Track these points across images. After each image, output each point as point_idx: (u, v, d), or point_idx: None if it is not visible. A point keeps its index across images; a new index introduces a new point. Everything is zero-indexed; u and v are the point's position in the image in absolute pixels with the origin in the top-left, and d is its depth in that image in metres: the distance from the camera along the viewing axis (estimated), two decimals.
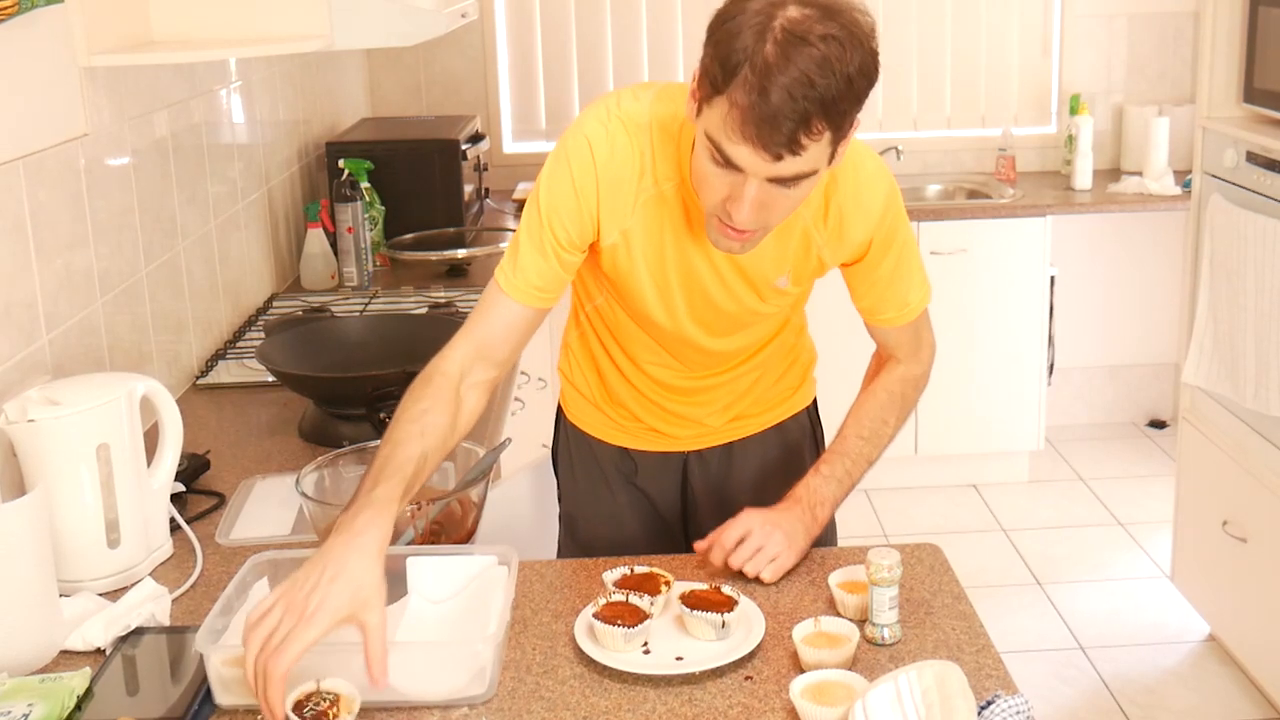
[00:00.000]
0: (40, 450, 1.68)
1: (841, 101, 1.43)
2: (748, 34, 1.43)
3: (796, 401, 2.04)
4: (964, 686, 1.35)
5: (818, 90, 1.41)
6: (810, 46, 1.40)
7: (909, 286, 1.82)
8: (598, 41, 4.63)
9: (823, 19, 1.42)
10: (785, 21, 1.42)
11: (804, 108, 1.41)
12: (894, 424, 1.86)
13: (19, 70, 1.94)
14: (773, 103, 1.41)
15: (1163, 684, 3.28)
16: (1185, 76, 4.69)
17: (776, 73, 1.40)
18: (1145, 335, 4.87)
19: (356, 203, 3.29)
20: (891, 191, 1.74)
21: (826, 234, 1.73)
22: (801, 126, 1.42)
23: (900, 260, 1.79)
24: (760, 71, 1.41)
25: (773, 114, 1.41)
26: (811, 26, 1.41)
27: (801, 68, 1.40)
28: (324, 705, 1.37)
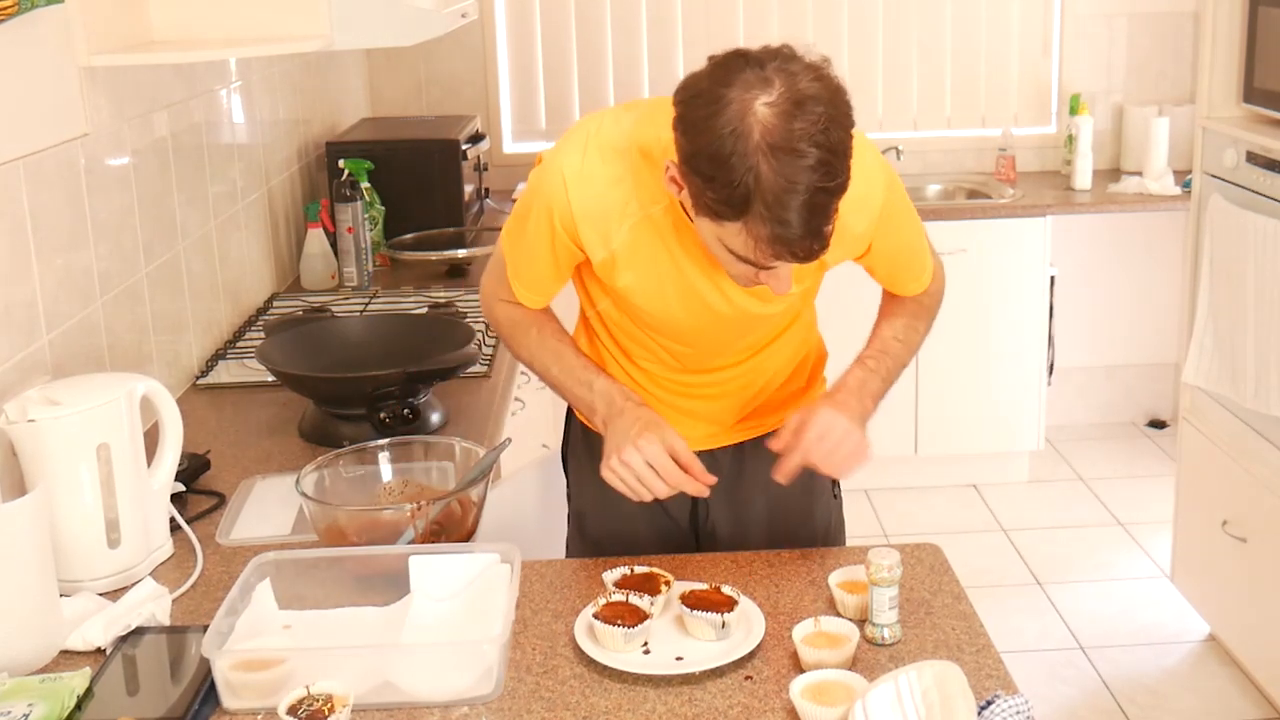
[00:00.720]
0: (40, 450, 1.68)
1: (844, 173, 1.47)
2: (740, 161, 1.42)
3: (806, 401, 2.03)
4: (964, 686, 1.35)
5: (829, 190, 1.44)
6: (802, 157, 1.42)
7: (921, 262, 1.87)
8: (598, 41, 4.63)
9: (798, 112, 1.42)
10: (766, 134, 1.41)
11: (819, 212, 1.45)
12: (923, 331, 1.90)
13: (19, 70, 1.94)
14: (796, 226, 1.45)
15: (1163, 684, 3.28)
16: (1185, 76, 4.69)
17: (788, 197, 1.42)
18: (1145, 335, 4.87)
19: (356, 203, 3.29)
20: (890, 183, 1.75)
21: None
22: (822, 224, 1.47)
23: (909, 241, 1.83)
24: (771, 203, 1.43)
25: (800, 234, 1.45)
26: (795, 129, 1.41)
27: (807, 182, 1.42)
28: (317, 706, 1.37)
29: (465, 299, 3.06)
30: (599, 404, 1.77)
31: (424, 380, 2.21)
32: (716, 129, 1.42)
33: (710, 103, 1.43)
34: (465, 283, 3.29)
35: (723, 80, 1.44)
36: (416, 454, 1.90)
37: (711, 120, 1.43)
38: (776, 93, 1.42)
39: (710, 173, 1.45)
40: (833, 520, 2.06)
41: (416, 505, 1.69)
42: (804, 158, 1.41)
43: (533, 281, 1.82)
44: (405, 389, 2.16)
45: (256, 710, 1.44)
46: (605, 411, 1.77)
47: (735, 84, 1.43)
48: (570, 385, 1.82)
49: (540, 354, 1.85)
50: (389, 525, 1.70)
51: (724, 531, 2.01)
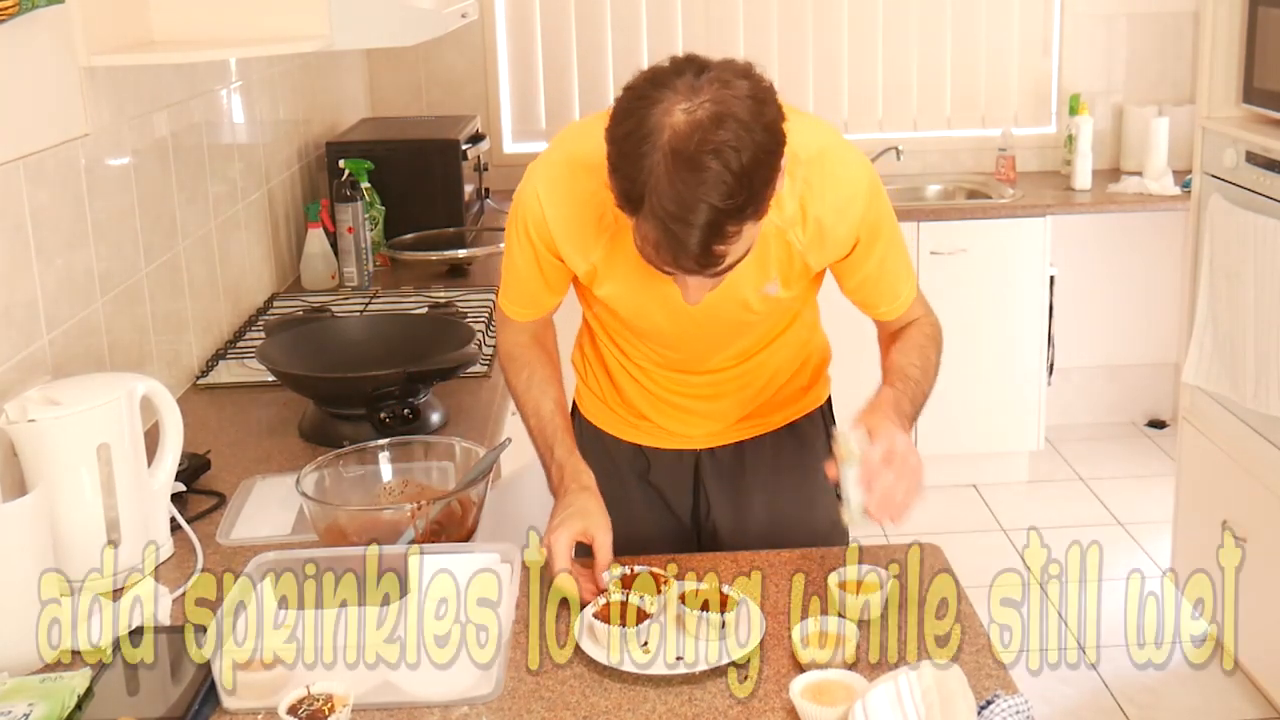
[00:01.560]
0: (40, 450, 1.68)
1: (749, 200, 1.43)
2: (644, 158, 1.42)
3: (809, 400, 2.04)
4: (964, 686, 1.35)
5: (720, 208, 1.41)
6: (702, 170, 1.40)
7: (897, 279, 1.82)
8: (598, 41, 4.63)
9: (711, 125, 1.40)
10: (674, 138, 1.40)
11: (709, 229, 1.42)
12: (935, 360, 1.84)
13: (19, 70, 1.94)
14: (679, 236, 1.43)
15: (1163, 684, 3.28)
16: (1185, 76, 4.69)
17: (676, 206, 1.41)
18: (1145, 335, 4.87)
19: (357, 203, 3.29)
20: (871, 191, 1.72)
21: (806, 240, 1.71)
22: (714, 242, 1.44)
23: (887, 256, 1.78)
24: (661, 208, 1.42)
25: (684, 245, 1.43)
26: (703, 140, 1.39)
27: (699, 193, 1.40)
28: (317, 706, 1.38)
29: (465, 299, 3.05)
30: (553, 473, 1.81)
31: (424, 380, 2.21)
32: (633, 122, 1.43)
33: (638, 98, 1.44)
34: (465, 283, 3.30)
35: (659, 80, 1.44)
36: (416, 454, 1.90)
37: (632, 113, 1.44)
38: (700, 102, 1.41)
39: (616, 162, 1.46)
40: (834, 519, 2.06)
41: (416, 505, 1.69)
42: (703, 171, 1.40)
43: (522, 297, 1.86)
44: (405, 389, 2.16)
45: (256, 710, 1.44)
46: (555, 484, 1.80)
47: (668, 85, 1.43)
48: (538, 441, 1.85)
49: (525, 399, 1.88)
50: (389, 525, 1.70)
51: (725, 530, 2.01)
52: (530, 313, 1.88)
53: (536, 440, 1.85)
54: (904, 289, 1.83)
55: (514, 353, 1.91)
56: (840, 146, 1.72)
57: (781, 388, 1.98)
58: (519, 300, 1.87)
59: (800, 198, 1.68)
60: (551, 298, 1.86)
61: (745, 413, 1.98)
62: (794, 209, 1.68)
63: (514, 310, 1.89)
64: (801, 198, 1.68)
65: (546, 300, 1.86)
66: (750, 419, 1.99)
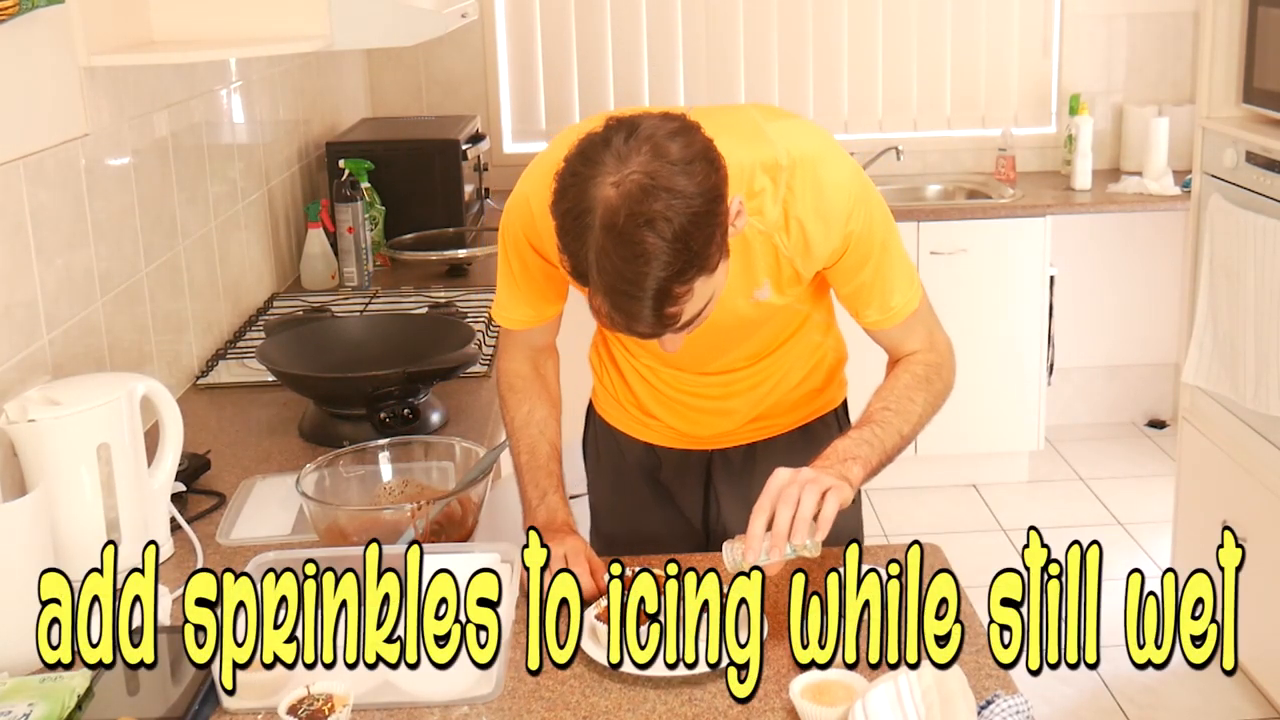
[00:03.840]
0: (40, 450, 1.68)
1: (688, 264, 1.43)
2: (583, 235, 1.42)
3: (823, 403, 2.02)
4: (964, 686, 1.35)
5: (660, 277, 1.41)
6: (637, 243, 1.39)
7: (891, 290, 1.77)
8: (598, 41, 4.63)
9: (641, 196, 1.39)
10: (605, 215, 1.40)
11: (657, 297, 1.43)
12: (921, 402, 1.76)
13: (19, 70, 1.94)
14: (625, 308, 1.44)
15: (1163, 684, 3.28)
16: (1185, 76, 4.69)
17: (619, 280, 1.42)
18: (1145, 335, 4.87)
19: (357, 203, 3.29)
20: (858, 198, 1.69)
21: (792, 245, 1.70)
22: (662, 307, 1.44)
23: (880, 265, 1.74)
24: (604, 285, 1.43)
25: (635, 315, 1.45)
26: (632, 214, 1.39)
27: (638, 269, 1.40)
28: (318, 706, 1.38)
29: (465, 299, 3.05)
30: (540, 515, 1.78)
31: (424, 380, 2.21)
32: (569, 200, 1.44)
33: (572, 174, 1.44)
34: (465, 283, 3.30)
35: (590, 154, 1.44)
36: (416, 454, 1.90)
37: (568, 191, 1.44)
38: (626, 174, 1.40)
39: (561, 238, 1.46)
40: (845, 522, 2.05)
41: (416, 505, 1.69)
42: (639, 244, 1.39)
43: (514, 302, 1.84)
44: (405, 389, 2.16)
45: (256, 710, 1.44)
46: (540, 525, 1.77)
47: (597, 159, 1.43)
48: (527, 481, 1.82)
49: (521, 434, 1.86)
50: (389, 525, 1.70)
51: (735, 531, 2.01)
52: (524, 318, 1.85)
53: (524, 476, 1.83)
54: (897, 300, 1.77)
55: (515, 384, 1.89)
56: (826, 153, 1.69)
57: (793, 389, 1.96)
58: (512, 307, 1.84)
59: (784, 203, 1.67)
60: (546, 305, 1.84)
61: (755, 414, 1.96)
62: (777, 214, 1.67)
63: (507, 318, 1.86)
64: (785, 203, 1.67)
65: (542, 307, 1.84)
66: (761, 420, 1.97)
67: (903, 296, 1.78)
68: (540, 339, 1.91)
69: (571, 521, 1.78)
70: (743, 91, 4.64)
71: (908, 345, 1.81)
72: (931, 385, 1.78)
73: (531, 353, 1.91)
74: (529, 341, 1.90)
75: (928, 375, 1.79)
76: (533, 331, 1.88)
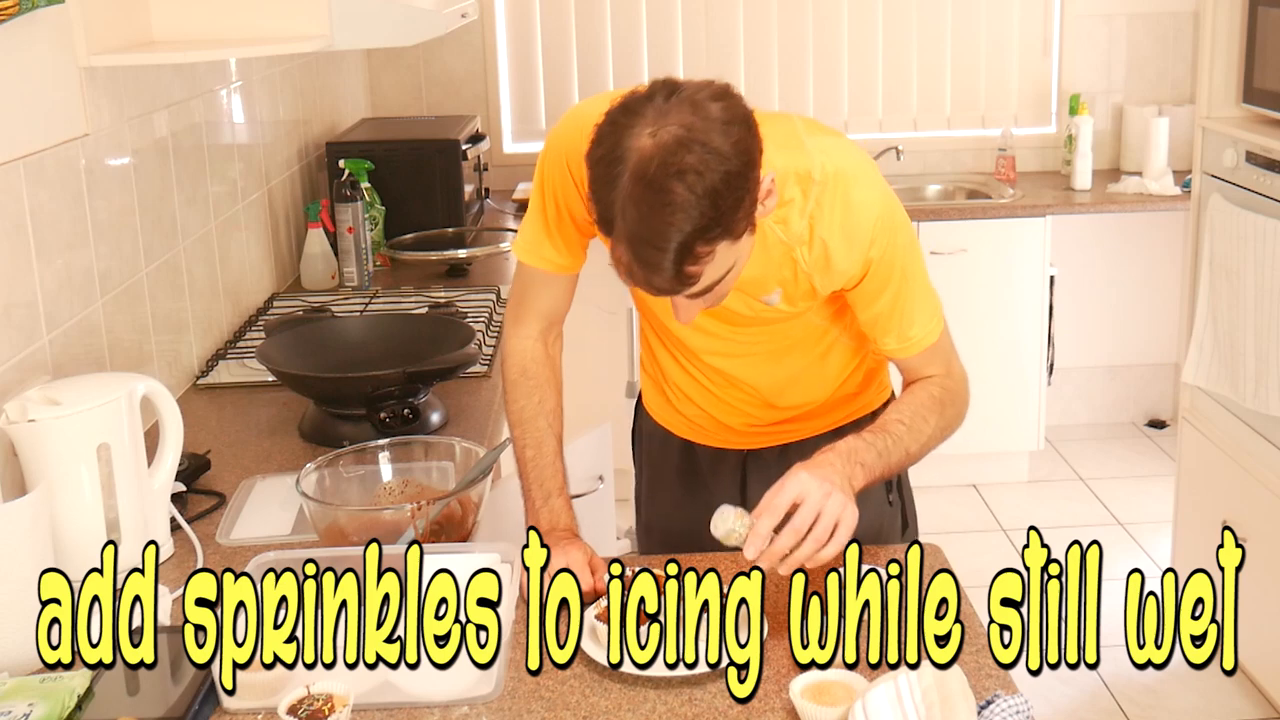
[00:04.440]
0: (40, 450, 1.68)
1: (716, 220, 1.43)
2: (613, 186, 1.44)
3: (860, 405, 1.99)
4: (964, 686, 1.35)
5: (684, 231, 1.42)
6: (666, 192, 1.40)
7: (910, 321, 1.76)
8: (598, 41, 4.63)
9: (676, 148, 1.41)
10: (639, 163, 1.41)
11: (676, 251, 1.43)
12: (934, 424, 1.75)
13: (19, 70, 1.94)
14: (647, 258, 1.44)
15: (1163, 684, 3.28)
16: (1185, 76, 4.69)
17: (641, 229, 1.43)
18: (1145, 335, 4.87)
19: (357, 203, 3.29)
20: (885, 224, 1.68)
21: (812, 261, 1.70)
22: (684, 262, 1.45)
23: (900, 294, 1.73)
24: (628, 233, 1.44)
25: (655, 268, 1.45)
26: (665, 164, 1.41)
27: (663, 219, 1.41)
28: (318, 706, 1.38)
29: (465, 299, 3.05)
30: (543, 517, 1.77)
31: (424, 380, 2.21)
32: (605, 147, 1.45)
33: (611, 123, 1.46)
34: (465, 283, 3.30)
35: (632, 106, 1.46)
36: (416, 454, 1.90)
37: (605, 139, 1.46)
38: (665, 126, 1.42)
39: (591, 185, 1.48)
40: (884, 524, 2.04)
41: (416, 505, 1.69)
42: (668, 194, 1.40)
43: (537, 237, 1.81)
44: (405, 389, 2.16)
45: (256, 710, 1.44)
46: (543, 528, 1.76)
47: (639, 111, 1.45)
48: (531, 480, 1.80)
49: (530, 425, 1.83)
50: (389, 525, 1.70)
51: None
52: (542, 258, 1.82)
53: (529, 472, 1.80)
54: (916, 331, 1.76)
55: (528, 368, 1.86)
56: (860, 174, 1.68)
57: (826, 393, 1.95)
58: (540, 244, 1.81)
59: (810, 218, 1.66)
60: (563, 253, 1.81)
61: (786, 416, 1.95)
62: (802, 228, 1.67)
63: (531, 254, 1.83)
64: (811, 218, 1.66)
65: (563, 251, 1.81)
66: (794, 422, 1.96)
67: (922, 329, 1.77)
68: (556, 303, 1.88)
69: (574, 526, 1.77)
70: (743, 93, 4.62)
71: (924, 372, 1.81)
72: (945, 411, 1.78)
73: (544, 325, 1.88)
74: (544, 309, 1.87)
75: (944, 399, 1.78)
76: (552, 288, 1.86)
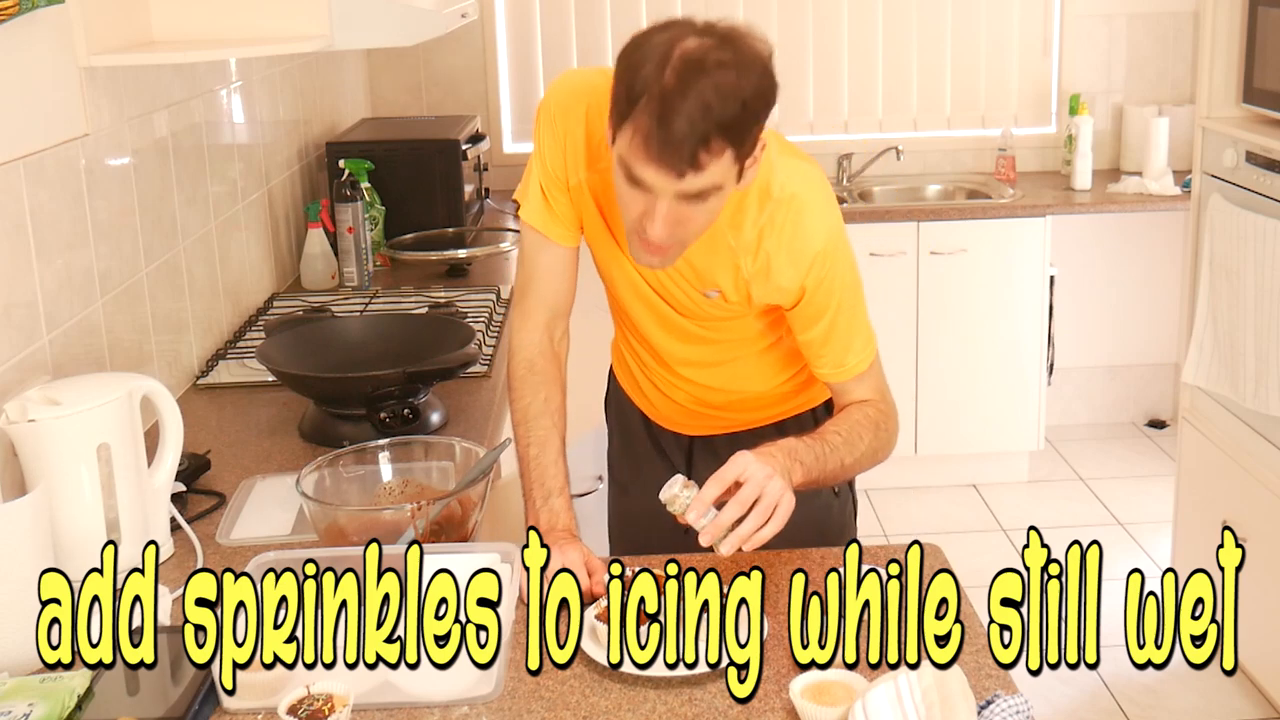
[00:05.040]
0: (40, 450, 1.68)
1: (738, 123, 1.52)
2: (650, 64, 1.52)
3: (801, 402, 2.05)
4: (964, 686, 1.35)
5: (715, 113, 1.50)
6: (706, 74, 1.50)
7: (845, 349, 1.82)
8: (598, 41, 4.63)
9: (719, 47, 1.52)
10: (684, 51, 1.52)
11: (702, 129, 1.50)
12: (868, 441, 1.80)
13: (19, 70, 1.94)
14: (672, 126, 1.50)
15: (1163, 684, 3.28)
16: (1185, 76, 4.69)
17: (675, 97, 1.50)
18: (1145, 335, 4.87)
19: (357, 203, 3.29)
20: (827, 254, 1.74)
21: (753, 270, 1.76)
22: (701, 145, 1.51)
23: (835, 325, 1.79)
24: (660, 98, 1.50)
25: (673, 135, 1.50)
26: (708, 54, 1.51)
27: (699, 92, 1.49)
28: (318, 706, 1.37)
29: (465, 299, 3.05)
30: (543, 517, 1.77)
31: (424, 380, 2.21)
32: (643, 42, 1.55)
33: (653, 29, 1.57)
34: (465, 283, 3.30)
35: (674, 22, 1.57)
36: (416, 454, 1.90)
37: (644, 41, 1.56)
38: (709, 36, 1.54)
39: (622, 72, 1.56)
40: (831, 517, 2.06)
41: (416, 505, 1.69)
42: (705, 75, 1.49)
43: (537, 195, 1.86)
44: (405, 389, 2.16)
45: (256, 710, 1.44)
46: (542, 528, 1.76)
47: (681, 25, 1.56)
48: (531, 480, 1.81)
49: (535, 425, 1.84)
50: (389, 525, 1.70)
51: None
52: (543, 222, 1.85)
53: (531, 470, 1.81)
54: (851, 359, 1.82)
55: (535, 364, 1.88)
56: (816, 201, 1.75)
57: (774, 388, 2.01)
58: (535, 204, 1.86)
59: (760, 229, 1.73)
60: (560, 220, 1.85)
61: (725, 401, 2.01)
62: (751, 237, 1.74)
63: (531, 214, 1.86)
64: (761, 230, 1.73)
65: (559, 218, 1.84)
66: (733, 410, 2.02)
67: (856, 357, 1.84)
68: (560, 290, 1.90)
69: (574, 526, 1.78)
70: None
71: (856, 396, 1.86)
72: (879, 433, 1.83)
73: (550, 317, 1.90)
74: (549, 297, 1.89)
75: (877, 421, 1.84)
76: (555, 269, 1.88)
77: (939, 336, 4.27)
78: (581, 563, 1.67)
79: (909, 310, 4.20)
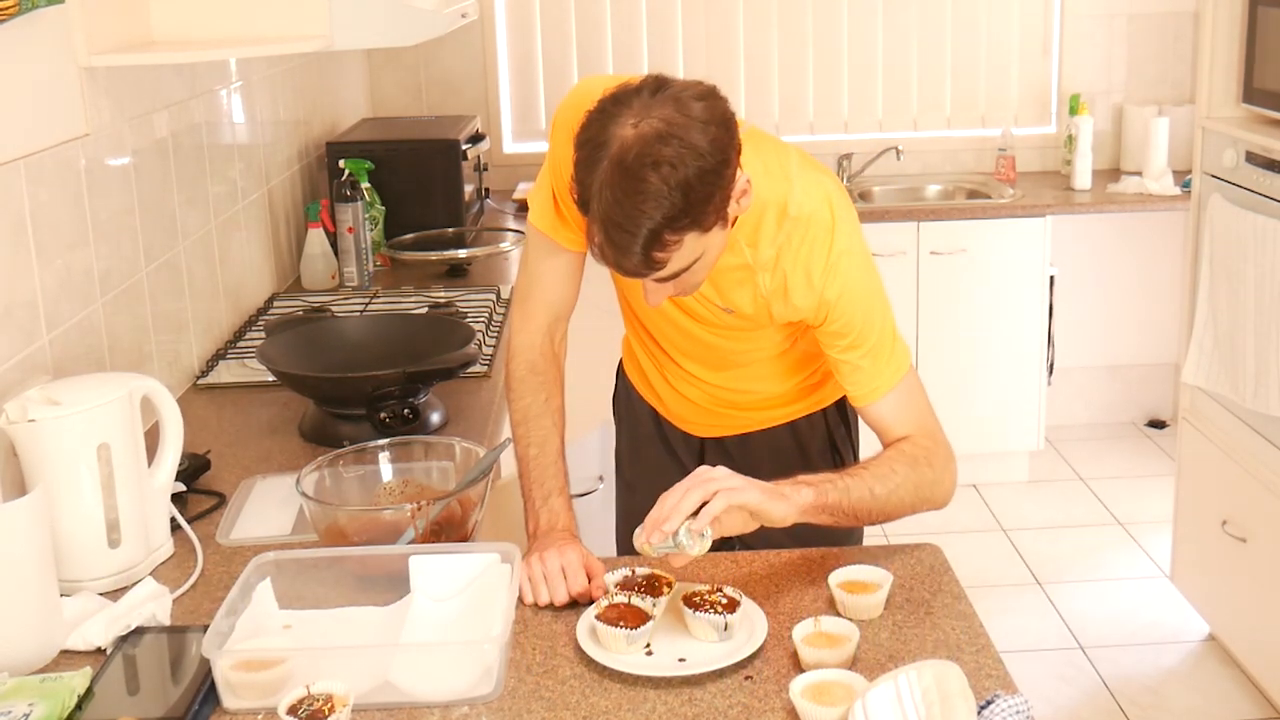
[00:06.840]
0: (40, 450, 1.68)
1: (687, 209, 1.50)
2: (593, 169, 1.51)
3: (816, 400, 2.05)
4: (964, 686, 1.35)
5: (659, 214, 1.48)
6: (640, 180, 1.47)
7: (873, 375, 1.76)
8: (598, 42, 4.63)
9: (655, 140, 1.48)
10: (619, 150, 1.49)
11: (648, 234, 1.50)
12: (902, 474, 1.71)
13: (19, 70, 1.94)
14: (618, 241, 1.51)
15: (1163, 684, 3.28)
16: (1185, 76, 4.69)
17: (615, 213, 1.49)
18: (1145, 335, 4.87)
19: (357, 203, 3.29)
20: (845, 272, 1.71)
21: (772, 288, 1.75)
22: (653, 248, 1.51)
23: (862, 353, 1.75)
24: (603, 215, 1.51)
25: (625, 250, 1.51)
26: (643, 154, 1.47)
27: (635, 202, 1.48)
28: (318, 706, 1.37)
29: (465, 299, 3.05)
30: (542, 517, 1.77)
31: (424, 380, 2.21)
32: (591, 132, 1.53)
33: (600, 111, 1.53)
34: (465, 283, 3.30)
35: (621, 97, 1.53)
36: (416, 454, 1.90)
37: (592, 124, 1.54)
38: (648, 119, 1.49)
39: (575, 166, 1.55)
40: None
41: (416, 505, 1.69)
42: (642, 183, 1.47)
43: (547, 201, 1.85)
44: (405, 389, 2.16)
45: (256, 710, 1.44)
46: (542, 528, 1.76)
47: (626, 102, 1.52)
48: (531, 480, 1.81)
49: (535, 425, 1.85)
50: (389, 525, 1.70)
51: None
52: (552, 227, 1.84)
53: (530, 471, 1.82)
54: (881, 384, 1.76)
55: (536, 364, 1.89)
56: (836, 222, 1.71)
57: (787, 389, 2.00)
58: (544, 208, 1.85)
59: (779, 248, 1.73)
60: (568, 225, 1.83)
61: (737, 402, 2.01)
62: (769, 255, 1.73)
63: (539, 217, 1.86)
64: (780, 248, 1.73)
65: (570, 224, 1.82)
66: (747, 410, 2.02)
67: (885, 382, 1.77)
68: (563, 293, 1.91)
69: (573, 526, 1.77)
70: (743, 93, 4.64)
71: (896, 429, 1.78)
72: (917, 465, 1.73)
73: (551, 319, 1.91)
74: (552, 300, 1.90)
75: (915, 455, 1.74)
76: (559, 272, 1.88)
77: (939, 336, 4.27)
78: (581, 563, 1.67)
79: (909, 310, 4.20)
